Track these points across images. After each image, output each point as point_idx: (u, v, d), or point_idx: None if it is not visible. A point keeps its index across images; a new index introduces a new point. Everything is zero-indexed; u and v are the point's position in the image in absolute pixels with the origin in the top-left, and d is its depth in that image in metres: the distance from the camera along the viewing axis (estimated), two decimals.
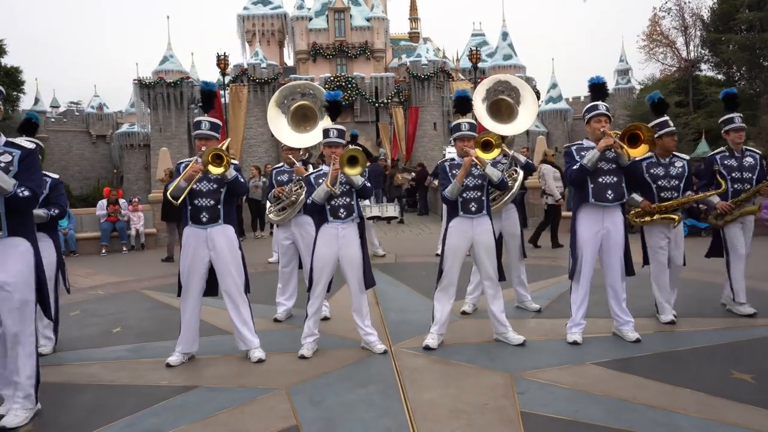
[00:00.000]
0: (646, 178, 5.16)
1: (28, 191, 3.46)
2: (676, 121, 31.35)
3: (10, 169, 3.46)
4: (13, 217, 3.51)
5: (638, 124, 4.68)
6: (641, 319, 5.06)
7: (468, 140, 4.74)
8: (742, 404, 3.51)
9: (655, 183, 5.16)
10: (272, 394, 3.89)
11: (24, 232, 3.60)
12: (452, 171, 4.75)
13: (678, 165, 5.22)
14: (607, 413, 3.46)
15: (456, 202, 4.72)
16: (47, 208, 4.95)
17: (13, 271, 3.50)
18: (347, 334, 5.12)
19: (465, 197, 4.71)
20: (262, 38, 48.58)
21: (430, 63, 42.20)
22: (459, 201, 4.71)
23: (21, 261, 3.55)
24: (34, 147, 3.67)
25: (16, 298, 3.50)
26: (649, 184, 5.16)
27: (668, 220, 5.12)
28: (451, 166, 4.81)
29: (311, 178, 4.77)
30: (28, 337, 3.58)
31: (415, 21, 57.24)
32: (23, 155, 3.52)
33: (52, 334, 5.08)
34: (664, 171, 5.19)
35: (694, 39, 38.43)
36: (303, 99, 5.85)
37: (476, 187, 4.71)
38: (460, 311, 5.74)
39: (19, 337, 3.53)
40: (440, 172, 4.88)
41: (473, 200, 4.71)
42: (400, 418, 3.45)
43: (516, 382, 3.96)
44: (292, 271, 5.90)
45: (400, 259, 9.68)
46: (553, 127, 53.39)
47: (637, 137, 4.57)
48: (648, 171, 5.19)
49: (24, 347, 3.56)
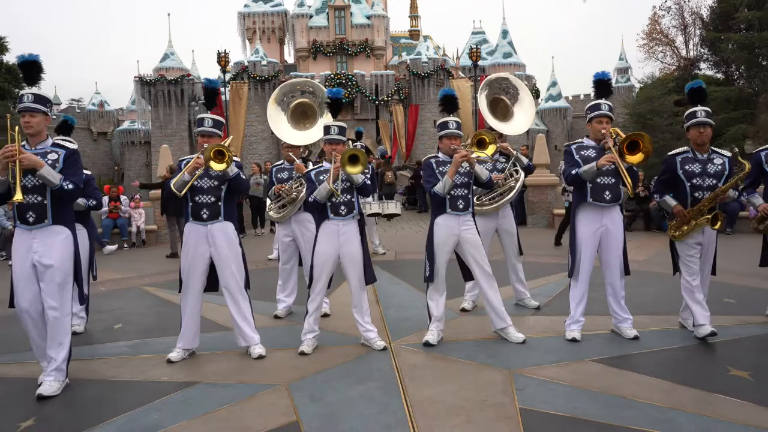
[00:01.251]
0: (679, 174, 4.73)
1: (72, 185, 3.98)
2: (675, 120, 31.39)
3: (56, 165, 3.99)
4: (56, 208, 4.02)
5: (641, 134, 4.58)
6: (639, 316, 5.08)
7: (455, 138, 4.77)
8: (739, 401, 3.53)
9: (689, 181, 4.70)
10: (272, 390, 3.91)
11: (65, 221, 4.10)
12: (439, 168, 4.78)
13: (717, 162, 4.70)
14: (605, 410, 3.48)
15: (444, 199, 4.75)
16: (86, 199, 5.56)
17: (56, 256, 3.99)
18: (347, 331, 5.14)
19: (453, 194, 4.74)
20: (263, 36, 48.57)
21: (430, 61, 42.19)
22: (447, 198, 4.74)
23: (63, 247, 4.05)
24: (76, 147, 4.27)
25: (57, 281, 3.98)
26: (683, 182, 4.73)
27: (705, 223, 4.62)
28: (437, 163, 4.83)
29: (311, 174, 4.78)
30: (65, 316, 4.05)
31: (415, 19, 57.24)
32: (68, 154, 4.08)
33: (84, 314, 5.63)
34: (701, 168, 4.69)
35: (693, 38, 38.43)
36: (303, 96, 5.88)
37: (464, 184, 4.76)
38: (460, 308, 5.77)
39: (58, 314, 4.00)
40: (425, 168, 4.89)
41: (461, 197, 4.75)
42: (399, 415, 3.47)
43: (515, 378, 3.98)
44: (293, 268, 5.93)
45: (400, 256, 9.70)
46: (552, 125, 53.38)
47: (637, 145, 4.53)
48: (682, 167, 4.73)
49: (61, 324, 4.03)
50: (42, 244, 3.98)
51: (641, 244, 10.00)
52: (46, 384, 3.95)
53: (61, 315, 4.01)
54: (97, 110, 56.27)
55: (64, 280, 4.04)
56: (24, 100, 3.99)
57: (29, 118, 3.99)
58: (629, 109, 34.88)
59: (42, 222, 3.98)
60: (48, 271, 3.96)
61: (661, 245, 10.13)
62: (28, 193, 3.91)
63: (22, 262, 3.99)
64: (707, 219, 4.60)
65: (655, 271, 7.43)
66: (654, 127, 29.30)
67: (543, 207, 13.06)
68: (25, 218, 3.97)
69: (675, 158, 4.75)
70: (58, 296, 3.99)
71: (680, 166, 4.72)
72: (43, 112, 4.03)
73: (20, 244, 4.02)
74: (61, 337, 4.03)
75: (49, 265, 3.96)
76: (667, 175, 4.83)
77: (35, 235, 3.99)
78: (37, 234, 3.99)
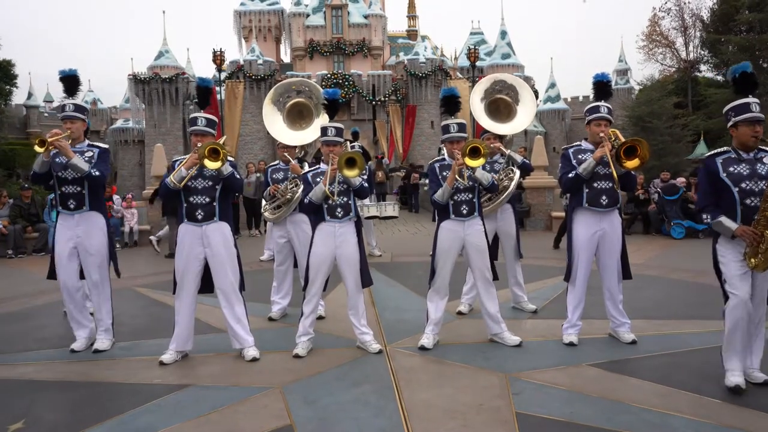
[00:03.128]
0: (723, 179, 3.81)
1: (98, 172, 4.78)
2: (674, 123, 31.45)
3: (92, 161, 4.81)
4: (92, 196, 4.85)
5: (641, 141, 4.46)
6: (637, 320, 5.04)
7: (458, 142, 4.66)
8: (736, 406, 3.51)
9: (736, 186, 3.77)
10: (266, 393, 3.86)
11: (99, 208, 4.95)
12: (442, 173, 4.72)
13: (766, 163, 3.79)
14: (602, 414, 3.45)
15: (447, 205, 4.69)
16: None
17: (95, 240, 4.88)
18: (343, 334, 5.10)
19: (456, 200, 4.67)
20: (259, 34, 48.54)
21: (428, 61, 42.19)
22: (450, 204, 4.68)
23: (101, 233, 4.93)
24: (107, 147, 5.17)
25: (98, 262, 4.91)
26: (729, 188, 3.80)
27: None
28: (441, 167, 4.77)
29: (308, 176, 4.74)
30: (106, 286, 4.99)
31: (413, 19, 57.25)
32: (101, 152, 4.94)
33: None
34: (750, 169, 3.79)
35: (693, 40, 38.55)
36: (299, 96, 5.83)
37: (467, 189, 4.67)
38: (456, 311, 5.73)
39: (100, 285, 4.94)
40: (429, 173, 4.83)
41: (464, 203, 4.68)
42: (394, 418, 3.43)
43: (511, 382, 3.94)
44: (288, 269, 5.88)
45: (396, 258, 9.66)
46: (551, 127, 53.46)
47: (634, 150, 4.40)
48: (726, 170, 3.83)
49: (103, 291, 4.96)
50: (83, 228, 4.83)
51: (639, 248, 9.98)
52: (99, 341, 4.89)
53: (102, 284, 4.95)
54: (90, 108, 56.08)
55: (103, 259, 4.93)
56: (66, 109, 4.81)
57: (70, 125, 4.77)
58: (628, 111, 34.90)
59: (81, 209, 4.80)
60: (90, 253, 4.86)
61: (660, 249, 10.15)
62: (69, 184, 4.75)
63: (66, 243, 4.83)
64: None
65: (654, 275, 7.41)
66: (653, 130, 29.37)
67: (541, 209, 13.03)
68: (67, 205, 4.79)
69: (715, 160, 3.87)
70: (99, 271, 4.90)
71: (723, 169, 3.84)
72: (82, 119, 4.88)
73: (63, 227, 4.84)
74: (104, 302, 4.95)
75: (90, 246, 4.86)
76: (709, 183, 3.91)
77: (78, 220, 4.82)
78: (79, 219, 4.82)
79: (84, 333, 4.96)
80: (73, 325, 4.98)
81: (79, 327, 4.96)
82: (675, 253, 9.57)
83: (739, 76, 3.86)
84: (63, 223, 4.85)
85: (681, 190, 11.69)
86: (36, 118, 54.27)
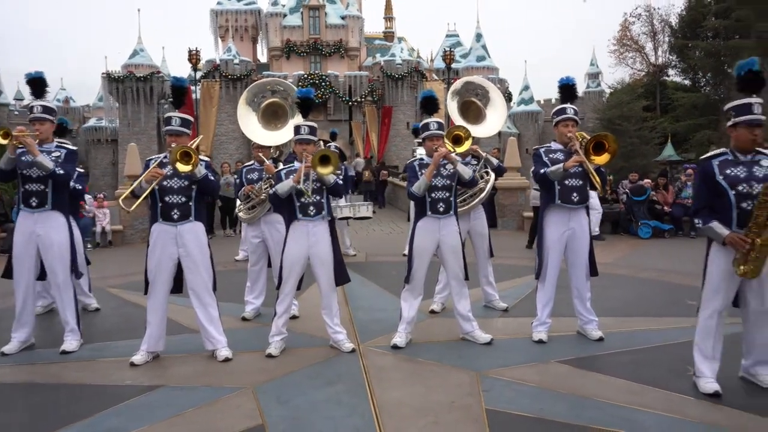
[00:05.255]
0: (719, 181, 3.72)
1: (63, 171, 4.72)
2: (643, 125, 32.13)
3: (59, 161, 4.76)
4: (55, 195, 4.79)
5: (606, 135, 4.68)
6: (605, 318, 5.14)
7: (437, 139, 4.76)
8: (699, 400, 3.62)
9: (733, 189, 3.67)
10: (238, 393, 3.86)
11: (62, 208, 4.87)
12: (421, 170, 4.78)
13: (765, 164, 3.69)
14: (570, 410, 3.52)
15: (424, 202, 4.74)
16: None
17: (56, 239, 4.79)
18: (316, 333, 5.10)
19: (433, 197, 4.73)
20: (236, 34, 48.19)
21: (404, 62, 42.34)
22: (427, 201, 4.73)
23: (62, 232, 4.84)
24: (76, 148, 5.16)
25: (60, 262, 4.81)
26: (725, 191, 3.70)
27: None
28: (420, 165, 4.83)
29: (282, 173, 4.75)
30: (70, 287, 4.92)
31: (389, 20, 57.34)
32: (69, 153, 4.90)
33: None
34: (747, 172, 3.68)
35: (662, 44, 39.45)
36: (273, 96, 5.82)
37: (445, 187, 4.74)
38: (429, 310, 5.78)
39: (63, 285, 4.86)
40: (409, 171, 4.89)
41: (441, 200, 4.74)
42: (367, 417, 3.46)
43: (482, 380, 4.00)
44: (261, 269, 5.87)
45: (371, 258, 9.69)
46: (524, 129, 53.97)
47: (602, 146, 4.61)
48: (722, 172, 3.72)
49: (67, 292, 4.89)
50: (42, 227, 4.75)
51: (607, 246, 10.17)
52: (67, 342, 4.82)
53: (64, 285, 4.86)
54: (62, 106, 54.89)
55: (64, 258, 4.84)
56: (34, 111, 4.79)
57: (39, 126, 4.76)
58: (599, 114, 35.51)
59: (42, 207, 4.74)
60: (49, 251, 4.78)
61: (628, 248, 10.35)
62: (32, 182, 4.70)
63: (24, 241, 4.78)
64: None
65: (621, 274, 7.56)
66: (623, 132, 29.93)
67: (513, 210, 13.18)
68: (29, 203, 4.74)
69: (711, 162, 3.78)
70: (62, 269, 4.83)
71: (719, 171, 3.74)
72: (50, 121, 4.85)
73: (21, 225, 4.80)
74: (67, 303, 4.88)
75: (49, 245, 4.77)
76: (705, 186, 3.81)
77: (37, 218, 4.75)
78: (38, 217, 4.75)
79: (21, 336, 4.85)
80: (14, 325, 4.84)
81: (18, 328, 4.84)
82: (642, 253, 9.78)
83: (745, 74, 3.68)
84: (22, 220, 4.81)
85: (648, 191, 11.94)
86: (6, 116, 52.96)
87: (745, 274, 3.61)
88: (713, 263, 3.80)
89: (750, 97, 3.67)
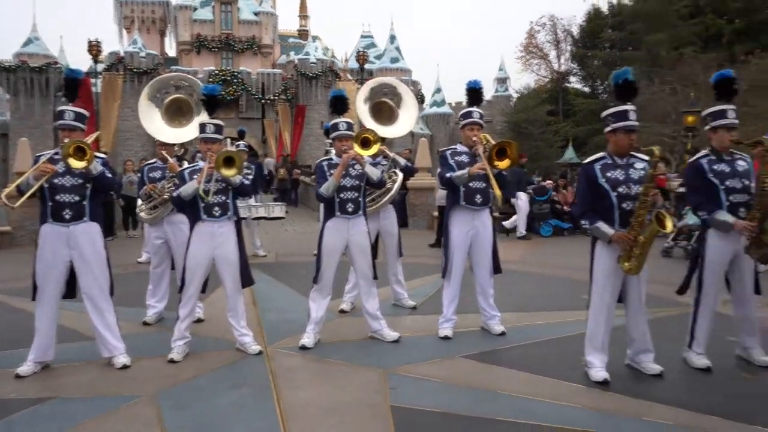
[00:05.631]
0: (602, 184, 3.92)
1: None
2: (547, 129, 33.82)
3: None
4: None
5: (509, 142, 4.90)
6: (507, 313, 5.36)
7: (346, 140, 4.77)
8: (590, 388, 3.86)
9: (614, 190, 3.91)
10: (137, 402, 3.69)
11: None
12: (330, 171, 4.77)
13: (639, 167, 3.98)
14: (473, 403, 3.65)
15: (333, 203, 4.74)
16: None
17: None
18: (222, 336, 4.97)
19: (342, 197, 4.74)
20: (142, 26, 46.07)
21: (319, 62, 42.06)
22: (336, 201, 4.74)
23: None
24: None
25: None
26: (607, 193, 3.92)
27: (655, 231, 3.79)
28: (329, 165, 4.82)
29: (185, 173, 4.60)
30: None
31: (304, 18, 56.80)
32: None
33: None
34: (624, 174, 3.94)
35: (564, 53, 41.70)
36: (177, 92, 5.61)
37: (353, 187, 4.77)
38: (338, 310, 5.79)
39: None
40: (317, 171, 4.87)
41: (350, 201, 4.76)
42: (271, 419, 3.42)
43: (389, 377, 4.06)
44: (164, 271, 5.64)
45: (281, 258, 9.57)
46: (436, 130, 55.08)
47: (505, 152, 4.81)
48: (604, 175, 3.95)
49: None
50: None
51: (511, 245, 10.60)
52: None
53: None
54: None
55: None
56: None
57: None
58: (507, 117, 36.98)
59: None
60: None
61: (531, 246, 10.85)
62: None
63: None
64: (654, 225, 3.77)
65: (524, 271, 7.91)
66: (528, 135, 31.41)
67: (424, 209, 13.44)
68: None
69: (593, 166, 4.00)
70: None
71: (601, 174, 3.96)
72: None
73: None
74: None
75: None
76: (589, 188, 4.01)
77: None
78: None
79: None
80: None
81: None
82: (543, 250, 10.29)
83: (622, 83, 3.96)
84: None
85: (549, 191, 12.58)
86: None
87: (630, 270, 3.86)
88: (599, 261, 4.02)
89: (626, 104, 3.93)
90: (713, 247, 4.17)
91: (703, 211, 4.14)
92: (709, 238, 4.19)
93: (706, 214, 4.12)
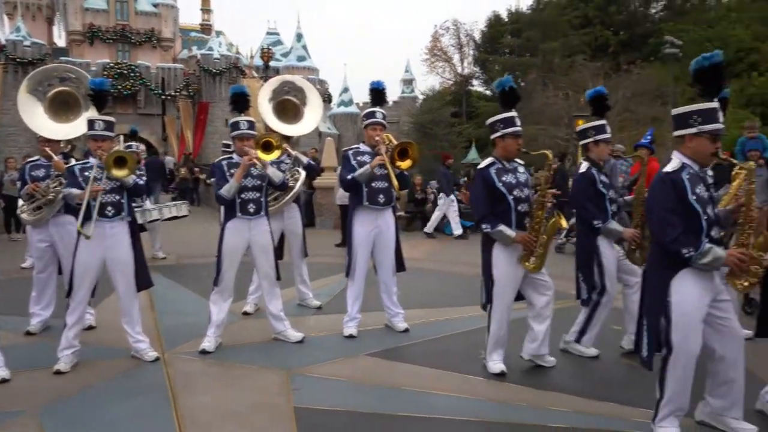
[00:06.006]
0: (499, 188, 4.02)
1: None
2: (451, 130, 34.78)
3: None
4: None
5: (411, 143, 5.04)
6: (411, 310, 5.46)
7: (248, 139, 4.67)
8: (488, 380, 4.03)
9: (510, 194, 4.04)
10: (18, 420, 3.42)
11: None
12: (230, 170, 4.64)
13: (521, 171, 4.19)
14: (377, 401, 3.71)
15: (234, 203, 4.62)
16: None
17: None
18: (116, 343, 4.70)
19: (243, 198, 4.63)
20: (26, 12, 42.79)
21: (223, 57, 40.92)
22: (237, 202, 4.62)
23: None
24: None
25: None
26: (504, 196, 4.03)
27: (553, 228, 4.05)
28: (229, 165, 4.69)
29: (75, 169, 4.37)
30: None
31: (207, 12, 54.87)
32: None
33: None
34: (515, 178, 4.09)
35: (467, 57, 43.05)
36: (63, 84, 5.24)
37: (255, 187, 4.67)
38: (242, 311, 5.66)
39: None
40: (216, 171, 4.72)
41: (252, 201, 4.66)
42: (168, 427, 3.29)
43: (292, 378, 4.02)
44: (50, 276, 5.25)
45: (182, 260, 9.23)
46: (344, 129, 55.23)
47: (406, 152, 4.93)
48: (500, 179, 4.05)
49: None
50: None
51: (417, 244, 10.83)
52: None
53: None
54: None
55: None
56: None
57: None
58: (413, 118, 37.68)
59: None
60: None
61: (436, 244, 11.14)
62: None
63: None
64: (553, 223, 3.99)
65: (427, 268, 8.09)
66: (433, 136, 32.14)
67: (330, 209, 13.41)
68: None
69: (489, 171, 4.07)
70: None
71: (497, 178, 4.04)
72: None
73: None
74: None
75: None
76: (487, 192, 4.07)
77: None
78: None
79: None
80: None
81: None
82: (449, 249, 10.58)
83: (506, 90, 4.13)
84: None
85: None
86: None
87: (534, 268, 4.01)
88: (498, 265, 4.08)
89: (511, 111, 4.09)
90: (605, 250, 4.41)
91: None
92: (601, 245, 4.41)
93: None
